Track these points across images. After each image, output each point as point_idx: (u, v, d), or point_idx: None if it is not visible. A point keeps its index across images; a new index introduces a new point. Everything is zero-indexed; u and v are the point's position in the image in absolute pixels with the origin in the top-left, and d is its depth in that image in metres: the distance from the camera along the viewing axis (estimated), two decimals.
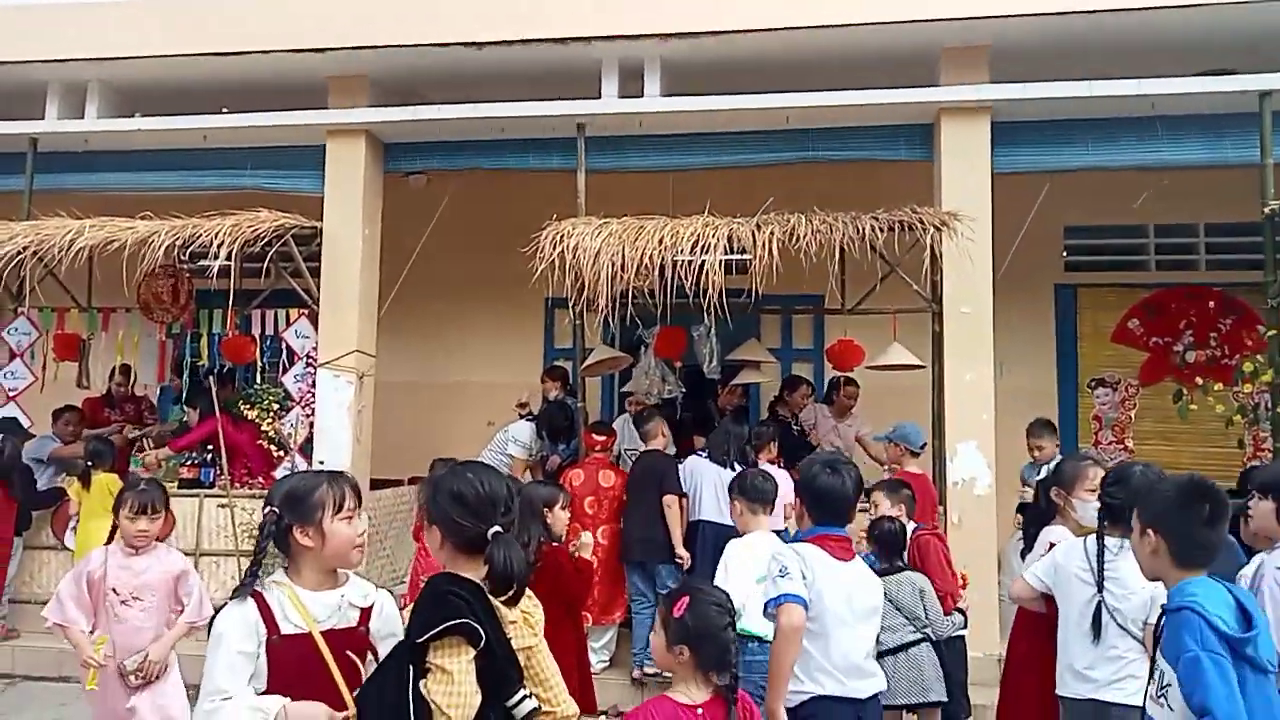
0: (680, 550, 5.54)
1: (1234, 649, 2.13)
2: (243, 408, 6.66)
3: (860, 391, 7.02)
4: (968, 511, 5.66)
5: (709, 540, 5.40)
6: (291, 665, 2.18)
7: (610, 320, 5.32)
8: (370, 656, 2.36)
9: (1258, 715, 2.11)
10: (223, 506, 6.23)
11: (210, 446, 6.90)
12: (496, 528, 2.09)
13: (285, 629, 2.22)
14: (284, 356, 6.69)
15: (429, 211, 7.08)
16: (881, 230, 5.31)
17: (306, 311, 6.64)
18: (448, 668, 1.91)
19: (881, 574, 3.97)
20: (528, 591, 2.24)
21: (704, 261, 5.07)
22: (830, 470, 3.10)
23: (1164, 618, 2.28)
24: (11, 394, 6.90)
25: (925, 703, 3.91)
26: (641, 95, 6.23)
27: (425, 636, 1.93)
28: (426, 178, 7.42)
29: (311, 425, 6.53)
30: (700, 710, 2.34)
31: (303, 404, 6.61)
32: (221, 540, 6.57)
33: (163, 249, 5.72)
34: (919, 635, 3.94)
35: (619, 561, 5.76)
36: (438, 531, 2.14)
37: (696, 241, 5.10)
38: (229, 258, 5.64)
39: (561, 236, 5.35)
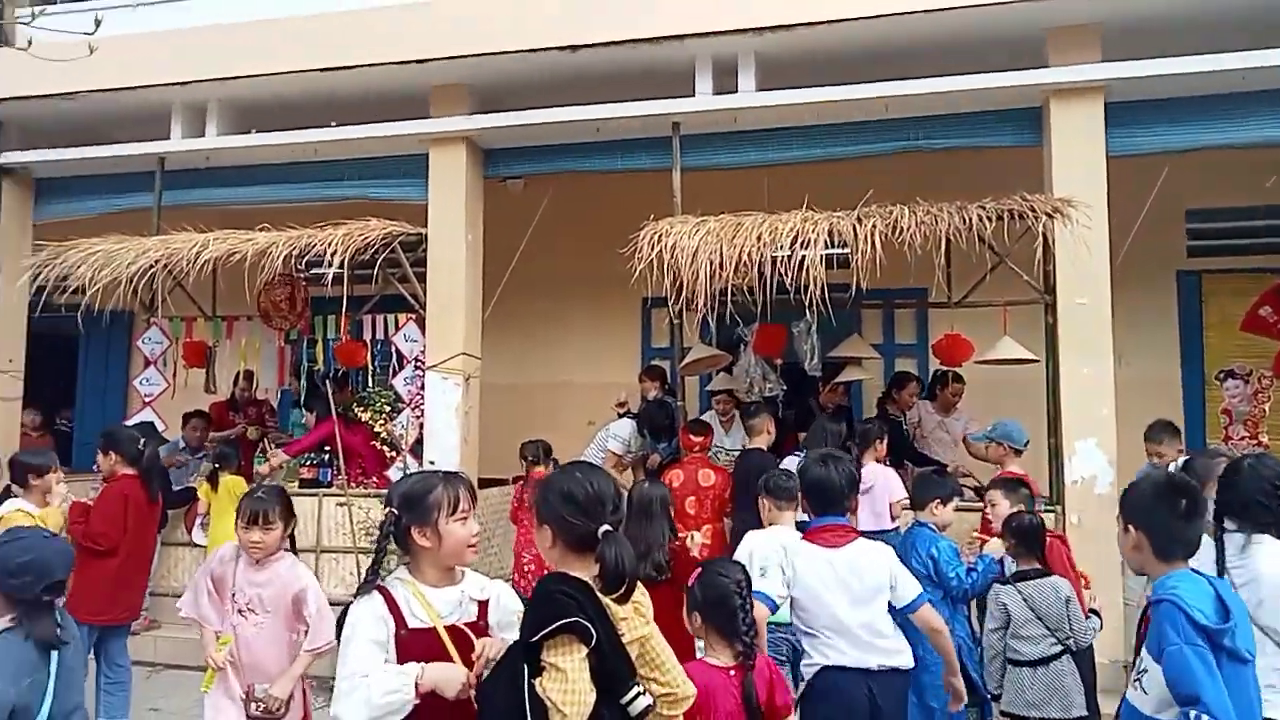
0: None
1: (1212, 639, 2.25)
2: (356, 410, 6.92)
3: (965, 387, 6.83)
4: (1088, 511, 5.43)
5: None
6: (418, 659, 2.24)
7: (709, 319, 5.30)
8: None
9: (1236, 701, 2.23)
10: (341, 505, 6.49)
11: (328, 448, 7.22)
12: (606, 526, 2.12)
13: (412, 623, 2.30)
14: (394, 360, 6.93)
15: (527, 214, 7.22)
16: (990, 219, 5.14)
17: (414, 316, 6.87)
18: (561, 666, 1.94)
19: (1018, 578, 3.84)
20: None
21: (804, 257, 5.00)
22: (822, 463, 3.40)
23: (1148, 609, 2.42)
24: (147, 400, 7.37)
25: (1068, 719, 3.71)
26: (736, 91, 6.19)
27: (538, 636, 1.97)
28: (524, 182, 7.57)
29: (421, 426, 6.74)
30: (732, 672, 2.68)
31: (413, 406, 6.83)
32: (340, 538, 6.86)
33: (280, 259, 5.99)
34: (1061, 647, 3.73)
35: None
36: (549, 531, 2.16)
37: (796, 237, 5.03)
38: (341, 265, 5.86)
39: (659, 236, 5.36)
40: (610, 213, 8.34)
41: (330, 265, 5.86)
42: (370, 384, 7.04)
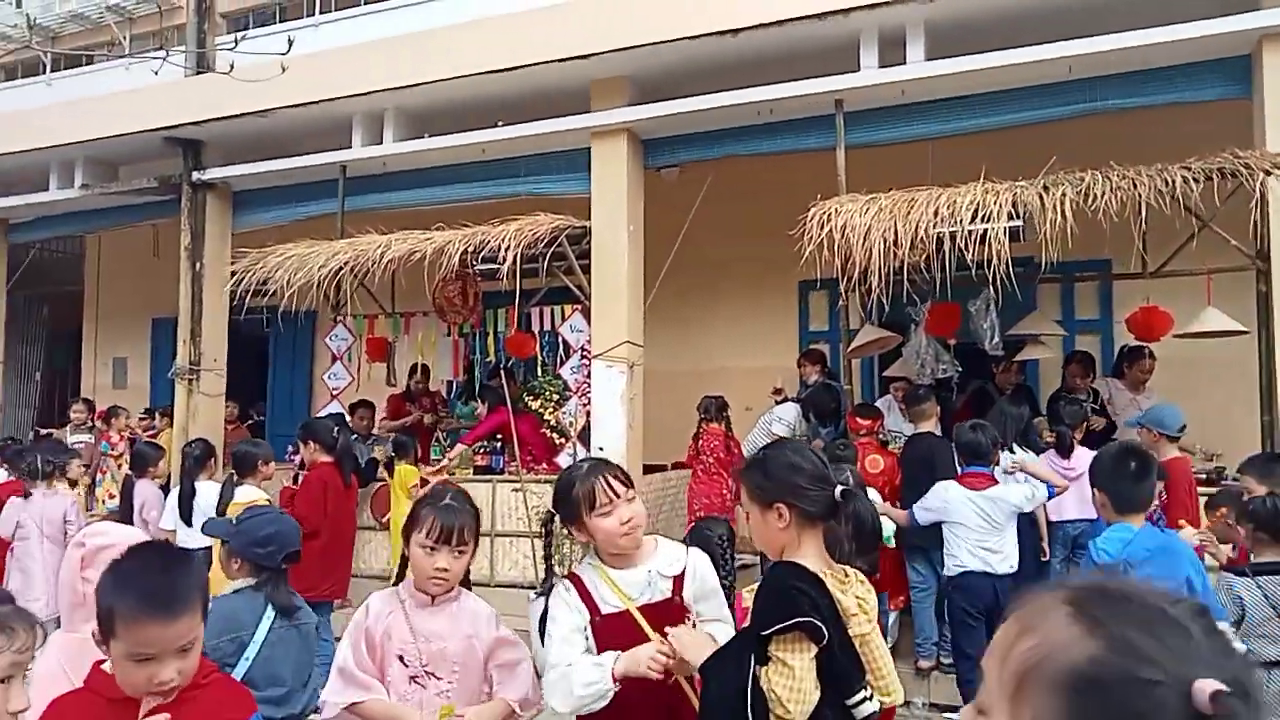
0: None
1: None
2: (526, 399, 7.16)
3: (1156, 363, 6.37)
4: None
5: None
6: (616, 643, 2.27)
7: (884, 298, 5.15)
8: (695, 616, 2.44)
9: None
10: (516, 491, 6.73)
11: (499, 436, 7.51)
12: (840, 486, 2.09)
13: (604, 609, 2.34)
14: (561, 350, 7.13)
15: (683, 201, 7.25)
16: (1196, 181, 4.74)
17: (580, 306, 7.03)
18: (789, 662, 1.92)
19: (1258, 571, 3.51)
20: (861, 578, 2.21)
21: (985, 231, 4.77)
22: (972, 429, 4.93)
23: None
24: (334, 393, 7.89)
25: None
26: (904, 62, 5.98)
27: (769, 631, 1.95)
28: (678, 170, 7.60)
29: (589, 414, 6.90)
30: None
31: (579, 394, 7.00)
32: (513, 522, 7.12)
33: (457, 255, 6.25)
34: None
35: (896, 547, 5.59)
36: (782, 509, 2.08)
37: (976, 210, 4.81)
38: (514, 260, 6.07)
39: (829, 215, 5.25)
40: (766, 197, 8.33)
41: (503, 261, 6.06)
42: (539, 374, 7.26)
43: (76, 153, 8.98)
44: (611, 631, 2.31)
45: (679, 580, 2.43)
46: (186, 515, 5.46)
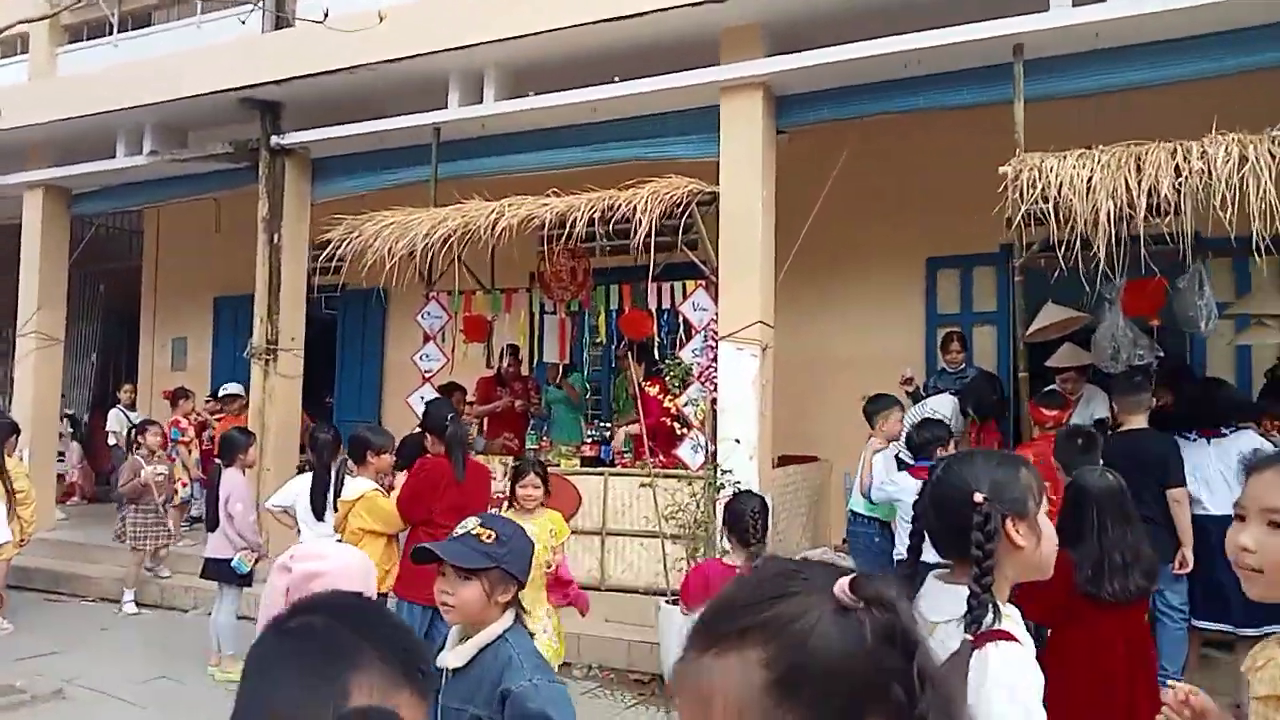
0: (1186, 553, 4.56)
1: None
2: (644, 384, 6.48)
3: None
4: None
5: (1212, 536, 4.37)
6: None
7: (1112, 268, 4.39)
8: None
9: None
10: (645, 486, 6.07)
11: (605, 424, 6.84)
12: None
13: None
14: (681, 330, 6.44)
15: (802, 169, 6.51)
16: None
17: (703, 282, 6.34)
18: None
19: None
20: None
21: (1240, 183, 4.00)
22: (918, 428, 5.16)
23: None
24: (427, 375, 7.25)
25: None
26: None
27: None
28: (787, 135, 6.83)
29: (714, 401, 6.21)
30: (737, 569, 3.48)
31: (702, 379, 6.31)
32: (625, 520, 6.46)
33: (583, 223, 5.57)
34: None
35: None
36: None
37: (1239, 159, 4.04)
38: (648, 228, 5.38)
39: (1037, 170, 4.49)
40: (891, 167, 7.59)
41: (636, 228, 5.38)
42: (655, 356, 6.59)
43: (144, 117, 8.40)
44: None
45: None
46: (319, 507, 4.85)
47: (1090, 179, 4.25)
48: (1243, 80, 5.25)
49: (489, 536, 2.18)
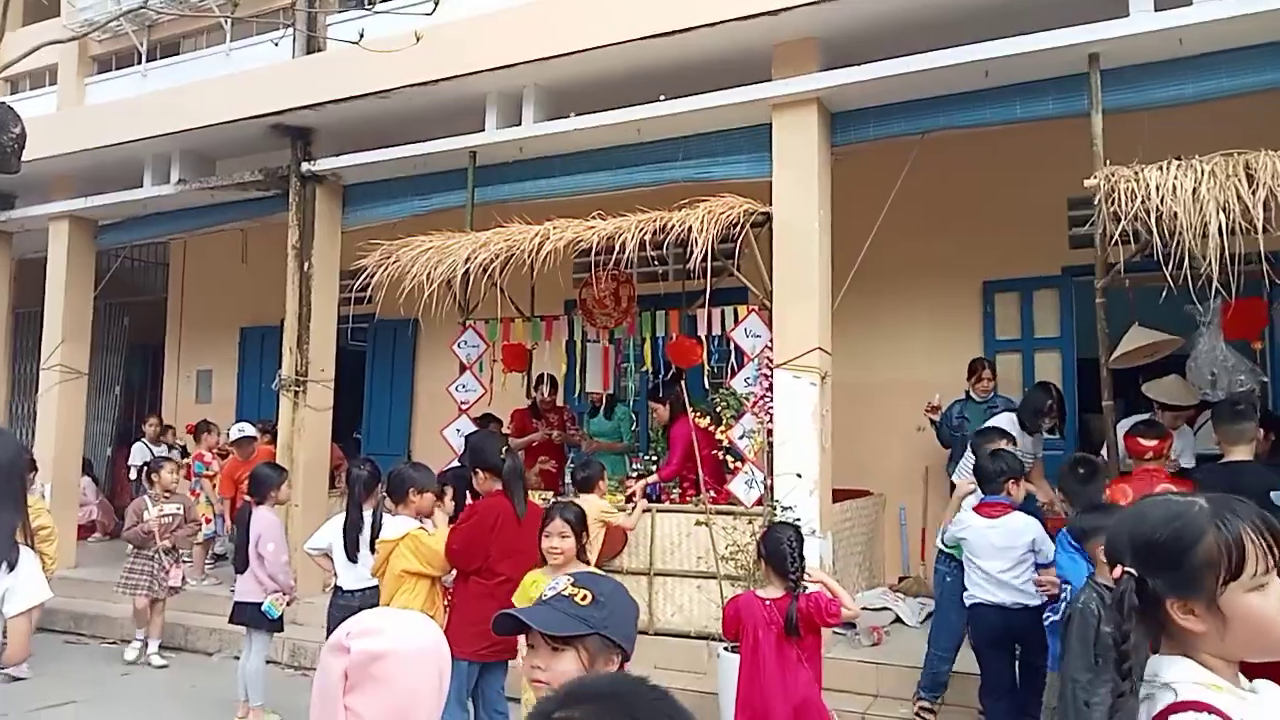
0: None
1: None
2: (693, 415, 6.14)
3: None
4: None
5: None
6: None
7: (1226, 286, 4.02)
8: None
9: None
10: (700, 524, 5.70)
11: (654, 457, 6.51)
12: None
13: None
14: (732, 358, 6.10)
15: (852, 190, 6.20)
16: None
17: (756, 307, 6.02)
18: None
19: None
20: None
21: None
22: (992, 457, 4.67)
23: None
24: (463, 407, 6.95)
25: None
26: (1189, 2, 4.89)
27: None
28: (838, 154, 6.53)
29: (770, 432, 5.86)
30: (769, 603, 3.70)
31: (755, 409, 5.96)
32: (675, 559, 6.09)
33: (634, 245, 5.27)
34: None
35: None
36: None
37: None
38: (704, 250, 5.07)
39: (1131, 182, 4.15)
40: (946, 186, 7.28)
41: (692, 251, 5.07)
42: (706, 385, 6.25)
43: (172, 146, 8.23)
44: None
45: None
46: (352, 549, 4.53)
47: (1196, 190, 3.90)
48: None
49: (585, 597, 1.81)
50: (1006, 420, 5.90)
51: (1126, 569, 1.40)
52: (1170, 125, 5.28)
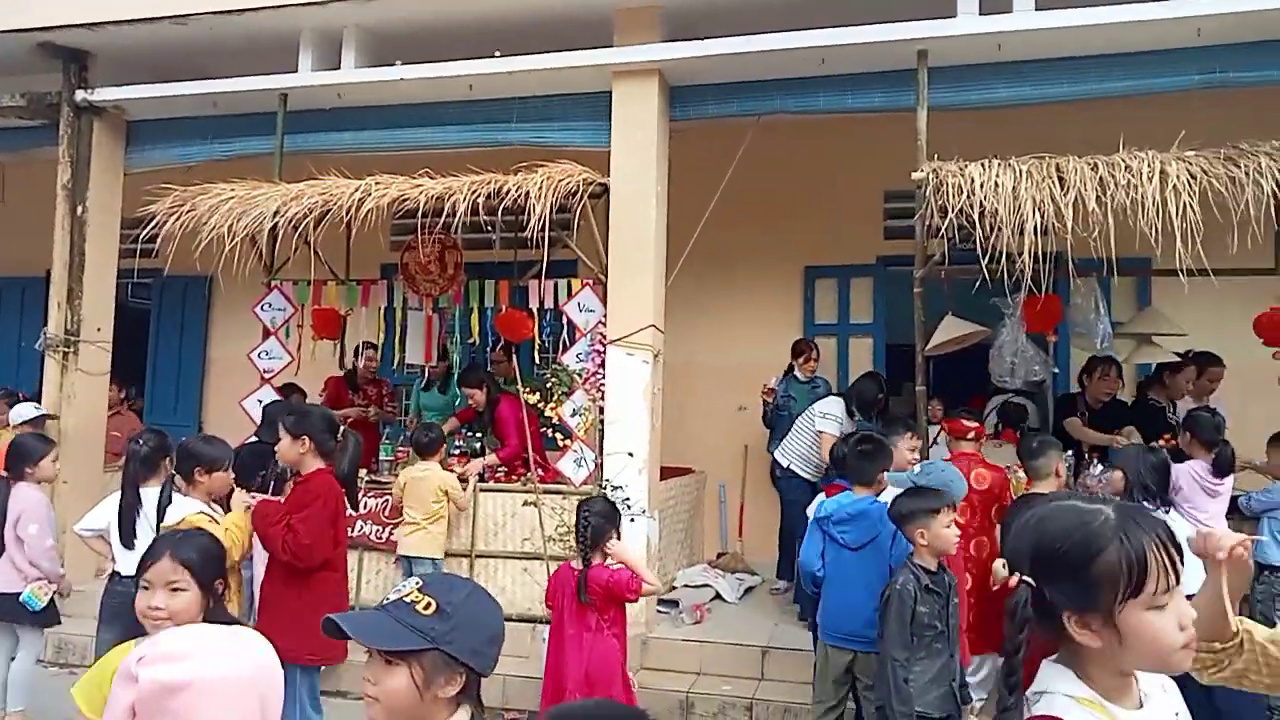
0: None
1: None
2: (522, 391, 5.90)
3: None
4: None
5: None
6: None
7: (1036, 283, 4.24)
8: None
9: None
10: (529, 504, 5.48)
11: (478, 434, 6.23)
12: None
13: None
14: (565, 333, 5.91)
15: (687, 170, 6.17)
16: None
17: (590, 281, 5.85)
18: None
19: None
20: None
21: (1162, 202, 3.96)
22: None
23: None
24: (266, 375, 6.36)
25: None
26: (1010, 9, 5.13)
27: None
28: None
29: (601, 410, 5.73)
30: (576, 572, 3.96)
31: (587, 386, 5.82)
32: (502, 540, 5.86)
33: (465, 207, 4.94)
34: None
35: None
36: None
37: (1161, 176, 3.99)
38: (540, 217, 4.83)
39: (953, 178, 4.31)
40: (774, 171, 7.39)
41: (529, 218, 4.81)
42: (535, 360, 6.03)
43: None
44: None
45: None
46: (128, 534, 3.95)
47: (1015, 188, 4.10)
48: (1135, 103, 5.36)
49: (428, 606, 1.56)
50: (835, 404, 6.08)
51: (1024, 578, 1.34)
52: (982, 126, 5.56)
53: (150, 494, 3.94)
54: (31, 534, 4.72)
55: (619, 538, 3.98)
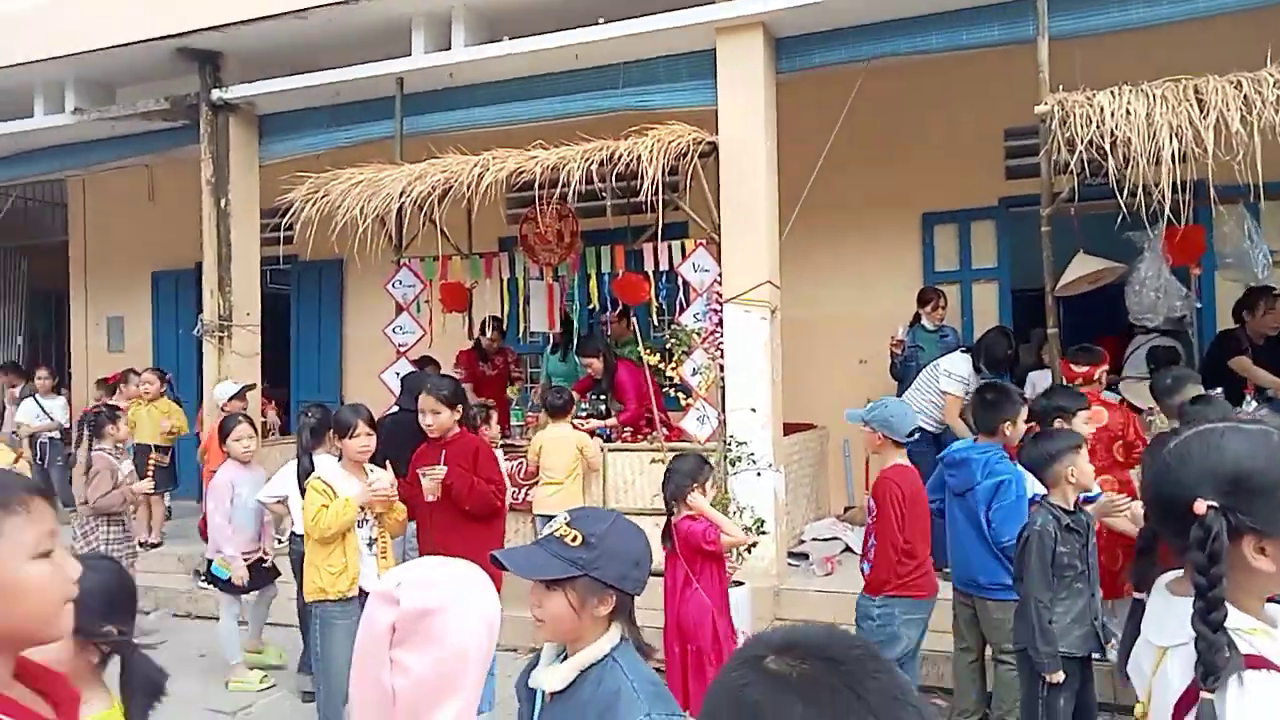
0: None
1: None
2: (641, 352, 6.02)
3: None
4: None
5: None
6: None
7: (1176, 214, 4.04)
8: None
9: None
10: (655, 463, 5.62)
11: (602, 396, 6.40)
12: None
13: None
14: (681, 294, 5.98)
15: (796, 120, 6.06)
16: None
17: (703, 241, 5.88)
18: None
19: None
20: None
21: None
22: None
23: None
24: (401, 349, 6.69)
25: None
26: None
27: None
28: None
29: (721, 368, 5.79)
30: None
31: (706, 345, 5.88)
32: (633, 498, 6.02)
33: (579, 176, 5.05)
34: None
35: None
36: None
37: None
38: (653, 181, 4.89)
39: (1079, 106, 4.11)
40: (890, 119, 7.19)
41: (640, 183, 4.88)
42: (654, 322, 6.13)
43: (66, 71, 7.57)
44: None
45: None
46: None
47: (1149, 115, 3.88)
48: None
49: (575, 539, 1.79)
50: (963, 363, 5.91)
51: (1210, 504, 1.29)
52: (1106, 57, 5.25)
53: (322, 460, 4.27)
54: (209, 510, 5.19)
55: (704, 493, 4.06)
